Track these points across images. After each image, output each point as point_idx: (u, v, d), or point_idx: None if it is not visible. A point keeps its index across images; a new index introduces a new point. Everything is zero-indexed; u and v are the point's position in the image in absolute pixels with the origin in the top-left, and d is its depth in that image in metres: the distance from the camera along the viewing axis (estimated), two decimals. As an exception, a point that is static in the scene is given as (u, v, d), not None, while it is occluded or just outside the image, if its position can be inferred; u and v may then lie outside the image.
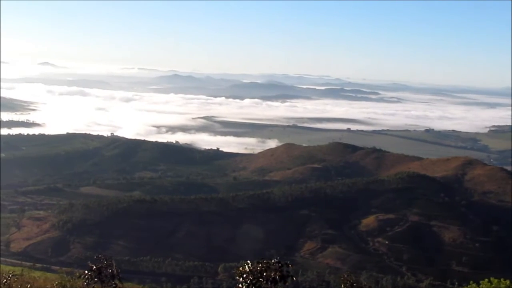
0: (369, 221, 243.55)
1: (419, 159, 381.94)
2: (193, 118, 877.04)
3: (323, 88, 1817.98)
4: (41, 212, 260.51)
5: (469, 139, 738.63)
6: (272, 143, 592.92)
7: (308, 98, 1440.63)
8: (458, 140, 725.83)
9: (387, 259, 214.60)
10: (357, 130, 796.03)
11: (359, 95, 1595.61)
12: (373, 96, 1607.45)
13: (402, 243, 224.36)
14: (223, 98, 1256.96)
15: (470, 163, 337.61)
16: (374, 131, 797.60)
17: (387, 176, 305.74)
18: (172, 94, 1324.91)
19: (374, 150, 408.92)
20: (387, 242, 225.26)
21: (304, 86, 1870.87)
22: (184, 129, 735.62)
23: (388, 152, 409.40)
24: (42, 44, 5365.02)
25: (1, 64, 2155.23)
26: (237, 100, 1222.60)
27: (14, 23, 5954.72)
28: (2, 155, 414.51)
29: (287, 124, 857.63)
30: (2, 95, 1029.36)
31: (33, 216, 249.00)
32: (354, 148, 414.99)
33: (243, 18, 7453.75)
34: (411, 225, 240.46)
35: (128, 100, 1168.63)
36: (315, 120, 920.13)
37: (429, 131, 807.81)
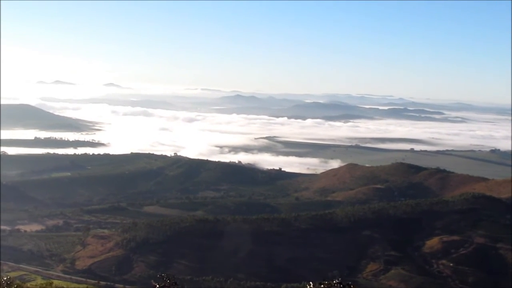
0: (433, 242, 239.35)
1: (485, 180, 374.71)
2: (255, 138, 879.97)
3: (386, 108, 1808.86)
4: (106, 230, 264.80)
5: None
6: (335, 163, 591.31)
7: (371, 118, 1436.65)
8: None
9: (451, 282, 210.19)
10: (421, 151, 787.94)
11: (422, 115, 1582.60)
12: (437, 116, 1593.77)
13: (467, 266, 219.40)
14: (285, 118, 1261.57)
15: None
16: (438, 152, 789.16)
17: (452, 197, 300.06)
18: (234, 115, 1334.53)
19: (438, 170, 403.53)
20: (451, 264, 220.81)
21: (367, 106, 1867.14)
22: (246, 149, 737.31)
23: (453, 172, 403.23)
24: (108, 66, 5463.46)
25: (68, 85, 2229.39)
26: (299, 120, 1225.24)
27: (82, 46, 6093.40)
28: (68, 174, 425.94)
29: (350, 144, 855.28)
30: (69, 116, 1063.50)
31: (98, 234, 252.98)
32: (417, 169, 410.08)
33: (306, 39, 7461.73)
34: (476, 247, 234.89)
35: (191, 120, 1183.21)
36: (378, 140, 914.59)
37: (494, 151, 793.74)
